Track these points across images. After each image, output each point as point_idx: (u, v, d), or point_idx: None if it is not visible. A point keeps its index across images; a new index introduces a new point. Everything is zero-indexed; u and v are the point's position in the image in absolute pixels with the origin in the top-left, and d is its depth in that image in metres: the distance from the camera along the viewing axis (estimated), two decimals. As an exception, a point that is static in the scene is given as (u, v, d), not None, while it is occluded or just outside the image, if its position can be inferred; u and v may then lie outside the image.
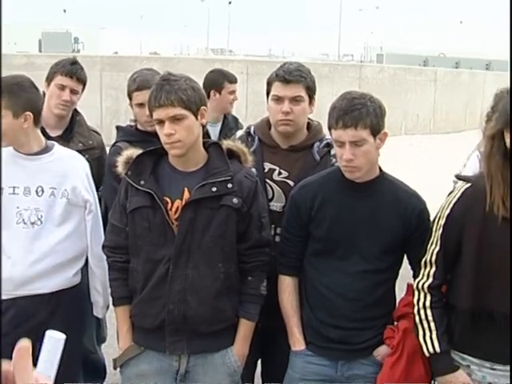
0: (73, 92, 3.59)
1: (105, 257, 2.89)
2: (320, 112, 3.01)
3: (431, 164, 12.36)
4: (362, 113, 2.56)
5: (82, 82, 3.65)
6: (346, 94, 2.66)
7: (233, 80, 4.99)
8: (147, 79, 3.33)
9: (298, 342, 2.81)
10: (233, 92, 4.93)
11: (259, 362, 3.32)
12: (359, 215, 2.70)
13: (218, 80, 4.87)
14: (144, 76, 3.46)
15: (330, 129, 2.64)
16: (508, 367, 2.39)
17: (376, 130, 2.60)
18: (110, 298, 2.99)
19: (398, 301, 2.82)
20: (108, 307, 3.26)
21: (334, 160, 3.00)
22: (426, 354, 2.47)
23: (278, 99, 3.00)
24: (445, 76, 20.95)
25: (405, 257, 2.83)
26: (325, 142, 3.09)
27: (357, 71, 18.45)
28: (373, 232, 2.69)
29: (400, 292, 2.81)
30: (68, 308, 3.03)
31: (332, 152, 3.04)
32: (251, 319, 2.76)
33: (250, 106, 13.80)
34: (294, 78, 2.97)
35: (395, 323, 2.74)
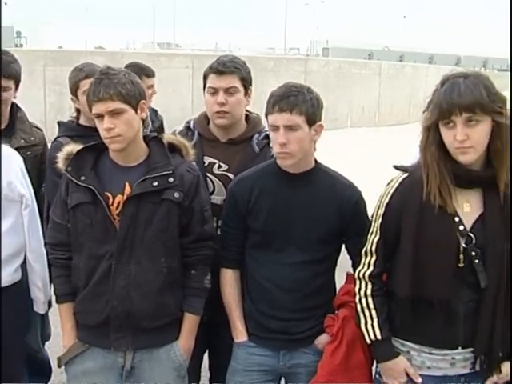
0: (4, 89, 3.43)
1: (44, 252, 2.85)
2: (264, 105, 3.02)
3: (374, 156, 12.54)
4: (298, 99, 2.61)
5: (13, 77, 3.48)
6: (285, 84, 2.71)
7: (150, 74, 4.99)
8: (94, 69, 3.28)
9: (240, 334, 2.83)
10: (151, 86, 4.91)
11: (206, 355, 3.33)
12: (295, 207, 2.72)
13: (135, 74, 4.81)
14: (90, 66, 3.46)
15: (267, 116, 2.67)
16: (446, 351, 2.45)
17: (311, 119, 2.64)
18: (53, 296, 2.95)
19: (337, 290, 2.86)
20: (51, 304, 3.22)
21: (273, 151, 3.02)
22: (368, 341, 2.51)
23: (214, 91, 3.02)
24: (389, 69, 21.29)
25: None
26: (264, 133, 3.11)
27: (302, 65, 18.58)
28: (309, 223, 2.72)
29: (340, 281, 2.85)
30: (10, 306, 2.97)
31: (271, 143, 3.06)
32: (196, 313, 2.77)
33: (196, 100, 13.77)
34: (227, 69, 3.00)
35: (336, 312, 2.78)
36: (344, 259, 2.86)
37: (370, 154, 13.30)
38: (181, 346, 2.76)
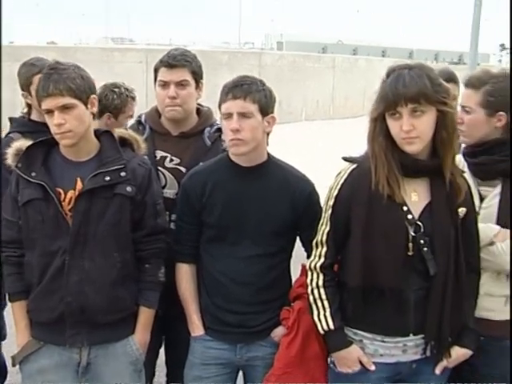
0: None
1: None
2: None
3: (328, 149, 12.63)
4: (251, 87, 2.64)
5: None
6: (238, 76, 2.73)
7: None
8: (46, 63, 3.24)
9: (196, 328, 2.84)
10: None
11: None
12: (249, 200, 2.74)
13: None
14: (42, 60, 3.41)
15: (220, 106, 2.68)
16: (398, 338, 2.50)
17: (264, 109, 2.66)
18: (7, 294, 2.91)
19: (293, 282, 2.88)
20: (6, 304, 3.18)
21: (225, 145, 3.03)
22: (321, 331, 2.53)
23: (164, 84, 3.02)
24: (343, 63, 21.46)
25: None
26: (215, 127, 3.12)
27: (257, 58, 18.61)
28: (263, 216, 2.73)
29: (296, 273, 2.86)
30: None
31: (223, 136, 3.07)
32: (151, 306, 2.77)
33: (151, 95, 13.58)
34: (178, 62, 3.00)
35: (292, 304, 2.80)
36: (299, 251, 2.88)
37: (324, 146, 13.41)
38: (136, 340, 2.75)
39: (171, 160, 3.07)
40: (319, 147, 13.35)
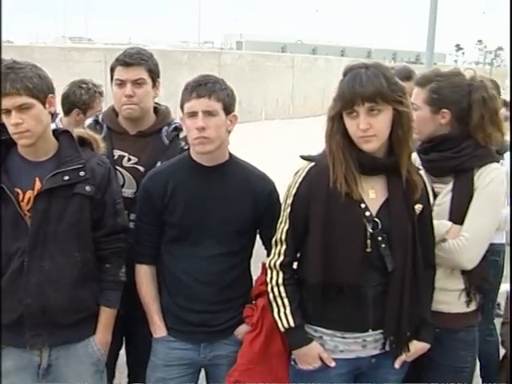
0: None
1: None
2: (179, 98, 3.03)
3: (288, 148, 12.69)
4: (215, 86, 2.65)
5: None
6: (199, 75, 2.74)
7: None
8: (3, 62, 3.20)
9: (159, 329, 2.83)
10: None
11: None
12: (210, 199, 2.74)
13: None
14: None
15: (182, 105, 2.68)
16: (357, 334, 2.53)
17: (227, 107, 2.68)
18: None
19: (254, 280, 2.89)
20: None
21: (183, 143, 3.05)
22: (282, 329, 2.54)
23: (121, 83, 3.01)
24: (302, 62, 21.57)
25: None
26: (173, 125, 3.13)
27: (216, 58, 18.60)
28: (224, 215, 2.74)
29: (256, 272, 2.88)
30: None
31: (181, 135, 3.08)
32: (112, 306, 2.76)
33: (110, 94, 13.49)
34: (134, 60, 2.99)
35: (254, 302, 2.82)
36: (260, 250, 2.90)
37: (283, 145, 13.47)
38: (98, 340, 2.74)
39: (129, 159, 3.07)
40: (279, 146, 13.40)
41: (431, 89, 2.81)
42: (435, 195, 2.78)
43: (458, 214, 2.71)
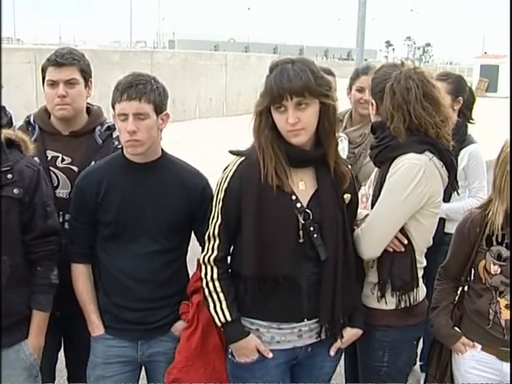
0: None
1: None
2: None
3: (222, 145, 12.69)
4: (146, 87, 2.64)
5: None
6: (131, 73, 2.72)
7: None
8: None
9: (96, 328, 2.82)
10: None
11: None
12: (144, 197, 2.75)
13: None
14: None
15: (113, 105, 2.66)
16: (293, 324, 2.57)
17: (159, 107, 2.68)
18: None
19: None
20: None
21: (116, 143, 3.03)
22: (218, 323, 2.56)
23: (53, 84, 2.98)
24: (235, 60, 21.57)
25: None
26: (106, 125, 3.12)
27: (148, 57, 18.44)
28: (159, 212, 2.75)
29: (192, 268, 2.88)
30: None
31: (114, 135, 3.07)
32: (44, 310, 2.72)
33: (41, 96, 13.23)
34: (66, 61, 2.97)
35: (190, 299, 2.82)
36: (195, 247, 2.90)
37: (218, 143, 13.48)
38: (30, 344, 2.70)
39: (63, 160, 3.04)
40: (213, 144, 13.40)
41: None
42: None
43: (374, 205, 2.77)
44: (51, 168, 3.00)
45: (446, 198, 4.02)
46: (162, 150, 2.83)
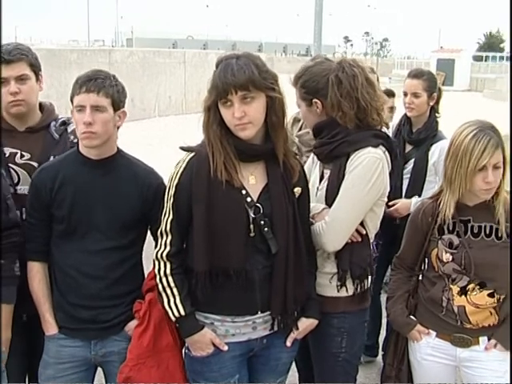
0: None
1: None
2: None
3: (182, 143, 12.64)
4: (105, 82, 2.65)
5: None
6: (91, 70, 2.74)
7: None
8: None
9: (50, 327, 2.80)
10: None
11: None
12: (98, 193, 2.74)
13: None
14: None
15: (72, 98, 2.66)
16: (247, 317, 2.59)
17: (117, 103, 2.69)
18: None
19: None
20: None
21: (72, 137, 3.02)
22: (172, 318, 2.57)
23: (4, 81, 2.94)
24: (193, 57, 21.50)
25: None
26: (60, 120, 3.10)
27: (106, 56, 18.26)
28: (112, 209, 2.74)
29: (149, 267, 2.84)
30: None
31: (69, 129, 3.06)
32: (9, 302, 2.72)
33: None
34: (14, 57, 2.93)
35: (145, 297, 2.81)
36: (152, 245, 2.88)
37: (177, 141, 13.46)
38: None
39: (22, 156, 3.00)
40: (173, 142, 13.35)
41: (300, 85, 2.92)
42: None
43: (331, 199, 2.80)
44: (10, 165, 2.97)
45: (418, 192, 4.10)
46: (118, 147, 2.83)
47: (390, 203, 3.95)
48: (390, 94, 5.43)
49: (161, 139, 14.07)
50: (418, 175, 4.18)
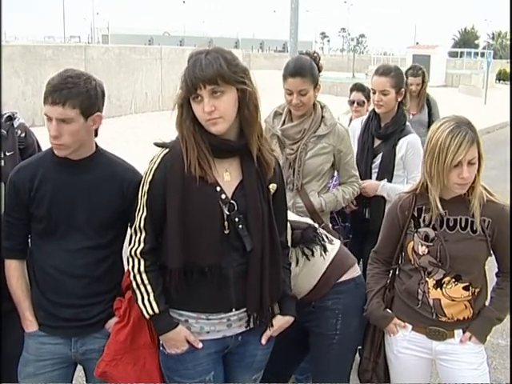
0: None
1: None
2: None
3: (158, 139, 12.61)
4: (71, 92, 2.56)
5: None
6: (63, 71, 2.65)
7: None
8: None
9: (30, 324, 2.79)
10: None
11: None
12: (77, 192, 2.71)
13: None
14: None
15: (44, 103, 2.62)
16: (222, 314, 2.57)
17: (87, 111, 2.62)
18: None
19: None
20: None
21: (19, 132, 3.00)
22: (147, 316, 2.55)
23: None
24: (170, 54, 21.39)
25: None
26: (5, 115, 3.05)
27: (82, 52, 18.08)
28: (92, 208, 2.72)
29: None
30: None
31: (15, 124, 3.03)
32: None
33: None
34: None
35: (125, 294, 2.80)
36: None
37: (154, 137, 13.43)
38: None
39: None
40: (150, 139, 13.33)
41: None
42: None
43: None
44: None
45: (388, 179, 4.18)
46: (97, 145, 2.80)
47: (360, 182, 4.06)
48: (361, 88, 5.56)
49: (137, 136, 14.01)
50: (386, 169, 4.22)
